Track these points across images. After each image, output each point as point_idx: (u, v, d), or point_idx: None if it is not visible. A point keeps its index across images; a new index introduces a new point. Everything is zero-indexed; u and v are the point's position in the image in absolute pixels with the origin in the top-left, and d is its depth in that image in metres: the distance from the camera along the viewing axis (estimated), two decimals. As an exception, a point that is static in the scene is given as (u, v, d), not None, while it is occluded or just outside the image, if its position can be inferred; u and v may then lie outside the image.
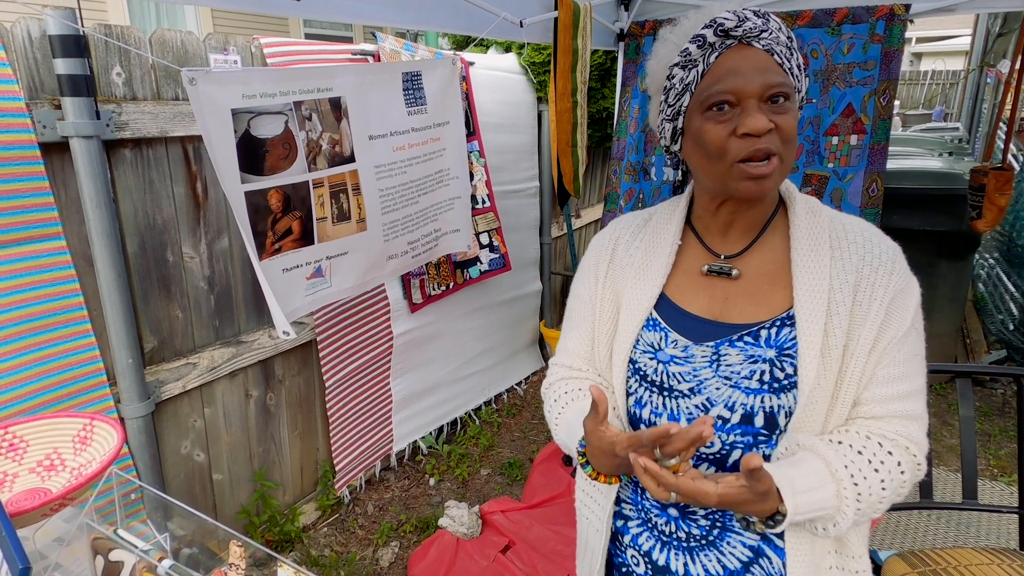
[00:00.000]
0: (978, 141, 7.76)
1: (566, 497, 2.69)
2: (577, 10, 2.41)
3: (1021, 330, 3.78)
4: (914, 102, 15.25)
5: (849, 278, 0.89)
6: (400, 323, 2.81)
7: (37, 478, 1.13)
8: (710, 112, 0.87)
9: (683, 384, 0.94)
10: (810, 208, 0.96)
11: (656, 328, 0.98)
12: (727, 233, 0.98)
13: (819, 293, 0.88)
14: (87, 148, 1.67)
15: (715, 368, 0.92)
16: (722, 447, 0.92)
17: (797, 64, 0.89)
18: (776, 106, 0.85)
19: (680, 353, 0.95)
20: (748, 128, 0.84)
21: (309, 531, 2.60)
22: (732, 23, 0.85)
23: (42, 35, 1.62)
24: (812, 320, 0.87)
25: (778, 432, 0.90)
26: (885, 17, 2.36)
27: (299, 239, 1.86)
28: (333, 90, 1.88)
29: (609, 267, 1.05)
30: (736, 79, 0.85)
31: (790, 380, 0.88)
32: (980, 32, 7.61)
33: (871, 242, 0.92)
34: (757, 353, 0.90)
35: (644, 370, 0.97)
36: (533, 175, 3.68)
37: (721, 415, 0.92)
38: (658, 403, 0.96)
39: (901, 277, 0.90)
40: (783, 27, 0.89)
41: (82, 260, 1.76)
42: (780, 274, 0.94)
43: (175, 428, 2.11)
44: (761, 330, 0.91)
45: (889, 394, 0.88)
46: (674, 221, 1.02)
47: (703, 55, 0.87)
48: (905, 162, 3.77)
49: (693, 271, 0.99)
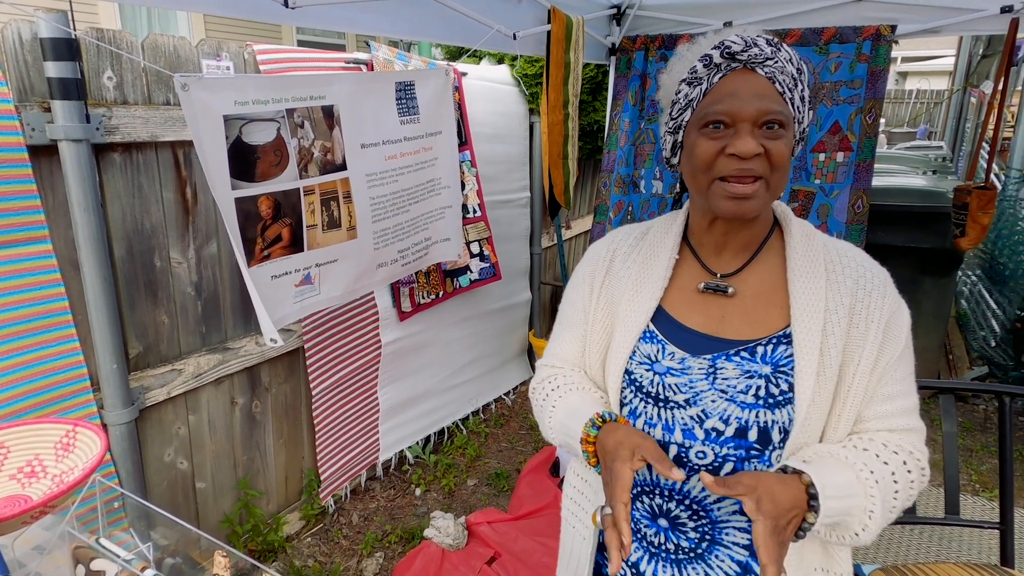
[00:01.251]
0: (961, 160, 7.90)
1: (553, 509, 2.68)
2: (570, 24, 2.44)
3: (1003, 347, 3.83)
4: (899, 120, 15.51)
5: (844, 300, 0.92)
6: (389, 331, 2.80)
7: (17, 485, 1.12)
8: (706, 129, 0.90)
9: (679, 395, 0.95)
10: (805, 232, 0.98)
11: (653, 340, 0.99)
12: (722, 252, 1.00)
13: (815, 313, 0.91)
14: (76, 152, 1.66)
15: (711, 381, 0.94)
16: (714, 459, 0.93)
17: (801, 96, 0.91)
18: (770, 132, 0.88)
19: (677, 365, 0.96)
20: (736, 149, 0.87)
21: (293, 541, 2.57)
22: (739, 47, 0.88)
23: (33, 38, 1.61)
24: (809, 339, 0.90)
25: (771, 447, 0.92)
26: (872, 37, 2.40)
27: (288, 246, 1.85)
28: (326, 98, 1.88)
29: (606, 277, 1.07)
30: (733, 101, 0.87)
31: (785, 396, 0.90)
32: (964, 53, 7.76)
33: (863, 267, 0.95)
34: (753, 368, 0.92)
35: (640, 381, 0.98)
36: (524, 186, 3.70)
37: (715, 427, 0.93)
38: (652, 414, 0.98)
39: (893, 301, 0.94)
40: (794, 59, 0.91)
41: (68, 264, 1.74)
42: (776, 294, 0.96)
43: (159, 435, 2.08)
44: (757, 347, 0.93)
45: (890, 411, 0.92)
46: (671, 236, 1.04)
47: (708, 74, 0.90)
48: (890, 180, 3.82)
49: (689, 288, 1.01)
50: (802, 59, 0.95)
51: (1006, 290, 3.96)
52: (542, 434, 1.09)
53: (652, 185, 2.89)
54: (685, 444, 0.95)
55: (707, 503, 0.95)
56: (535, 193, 3.78)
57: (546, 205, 2.76)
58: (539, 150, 3.60)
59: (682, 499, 0.96)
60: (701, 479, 0.83)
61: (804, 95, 0.92)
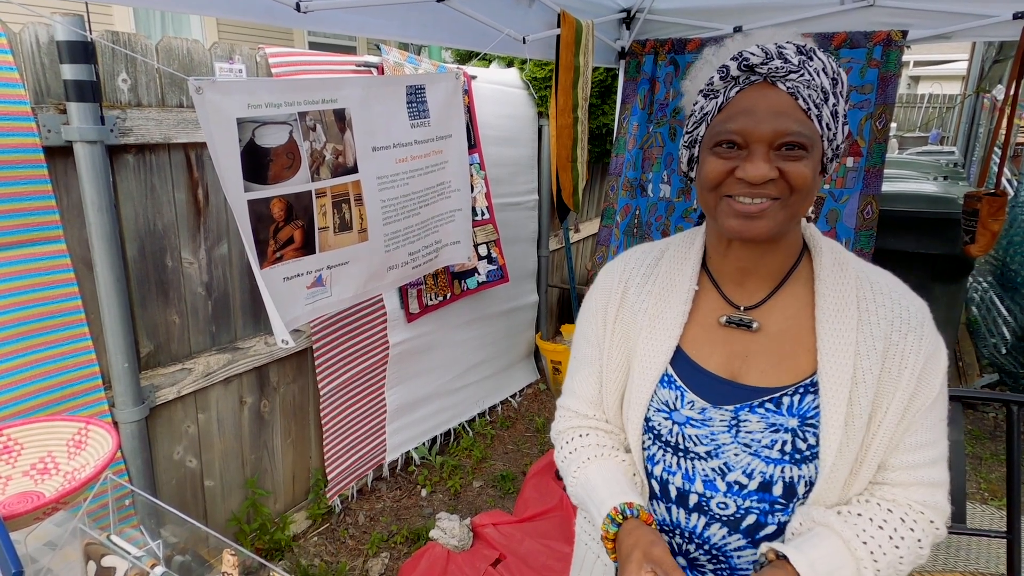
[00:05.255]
0: (973, 165, 7.84)
1: (558, 511, 2.68)
2: (579, 28, 2.44)
3: (1013, 354, 3.80)
4: (911, 125, 15.41)
5: (878, 345, 0.84)
6: (396, 333, 2.81)
7: (30, 481, 1.13)
8: (718, 148, 0.83)
9: (699, 447, 0.90)
10: (837, 260, 0.90)
11: (672, 386, 0.93)
12: (744, 281, 0.92)
13: (845, 359, 0.84)
14: (90, 153, 1.68)
15: (734, 434, 0.88)
16: (736, 511, 0.89)
17: (833, 111, 0.81)
18: (789, 153, 0.80)
19: (697, 415, 0.90)
20: (745, 173, 0.80)
21: (299, 540, 2.59)
22: (758, 59, 0.80)
23: (50, 40, 1.64)
24: (837, 389, 0.83)
25: (795, 499, 0.87)
26: (882, 43, 2.40)
27: (300, 248, 1.87)
28: (338, 101, 1.89)
29: (619, 311, 0.99)
30: (747, 120, 0.80)
31: (812, 451, 0.85)
32: (977, 58, 7.71)
33: (900, 304, 0.88)
34: (779, 422, 0.86)
35: (658, 429, 0.93)
36: (532, 188, 3.71)
37: (738, 480, 0.88)
38: (672, 463, 0.93)
39: (930, 341, 0.86)
40: (830, 68, 0.81)
41: (81, 264, 1.77)
42: (803, 333, 0.89)
43: (168, 433, 2.10)
44: (784, 397, 0.87)
45: (916, 461, 0.86)
46: (689, 263, 0.96)
47: (724, 87, 0.83)
48: (901, 185, 3.81)
49: (709, 322, 0.94)
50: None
51: (1017, 297, 3.93)
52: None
53: (660, 189, 2.90)
54: (706, 495, 0.90)
55: (727, 550, 0.92)
56: (543, 196, 3.78)
57: (554, 208, 2.77)
58: (547, 153, 3.61)
59: (701, 544, 0.93)
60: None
61: (838, 109, 0.82)
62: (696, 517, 0.92)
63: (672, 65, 2.80)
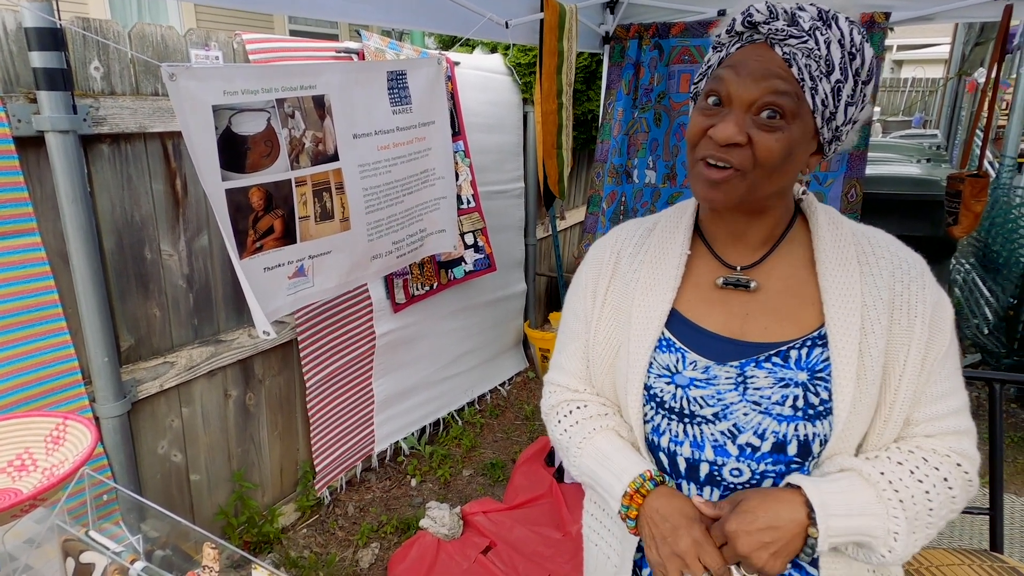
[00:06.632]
0: (956, 148, 7.91)
1: (548, 498, 2.69)
2: (563, 12, 2.42)
3: (995, 334, 3.85)
4: (895, 109, 15.52)
5: (883, 295, 0.84)
6: (383, 323, 2.80)
7: (8, 478, 1.11)
8: (703, 102, 0.81)
9: (706, 409, 0.86)
10: (831, 219, 0.89)
11: (671, 349, 0.89)
12: (736, 244, 0.90)
13: (852, 310, 0.82)
14: (63, 143, 1.64)
15: (742, 392, 0.85)
16: (751, 476, 0.86)
17: (835, 87, 0.76)
18: (767, 121, 0.76)
19: (701, 375, 0.87)
20: (714, 132, 0.78)
21: (288, 532, 2.58)
22: (760, 17, 0.78)
23: (18, 27, 1.59)
24: (846, 340, 0.81)
25: (811, 458, 0.85)
26: (866, 25, 2.39)
27: (281, 238, 1.84)
28: (317, 88, 1.86)
29: (611, 282, 0.97)
30: (732, 77, 0.78)
31: (826, 406, 0.82)
32: (959, 42, 7.76)
33: (899, 256, 0.87)
34: (788, 376, 0.83)
35: (660, 396, 0.89)
36: (518, 176, 3.69)
37: (750, 442, 0.85)
38: (678, 431, 0.89)
39: (933, 291, 0.86)
40: (848, 42, 0.77)
41: (57, 257, 1.73)
42: (805, 288, 0.87)
43: (152, 428, 2.08)
44: (791, 350, 0.84)
45: (940, 411, 0.85)
46: (681, 229, 0.94)
47: (728, 42, 0.82)
48: (884, 168, 3.83)
49: (705, 284, 0.91)
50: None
51: (999, 278, 3.97)
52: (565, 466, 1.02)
53: (645, 175, 2.89)
54: (717, 462, 0.86)
55: None
56: (529, 183, 3.76)
57: (541, 195, 2.75)
58: (533, 140, 3.59)
59: None
60: (694, 503, 0.80)
61: (841, 88, 0.77)
62: (709, 491, 0.88)
63: (656, 49, 2.78)
